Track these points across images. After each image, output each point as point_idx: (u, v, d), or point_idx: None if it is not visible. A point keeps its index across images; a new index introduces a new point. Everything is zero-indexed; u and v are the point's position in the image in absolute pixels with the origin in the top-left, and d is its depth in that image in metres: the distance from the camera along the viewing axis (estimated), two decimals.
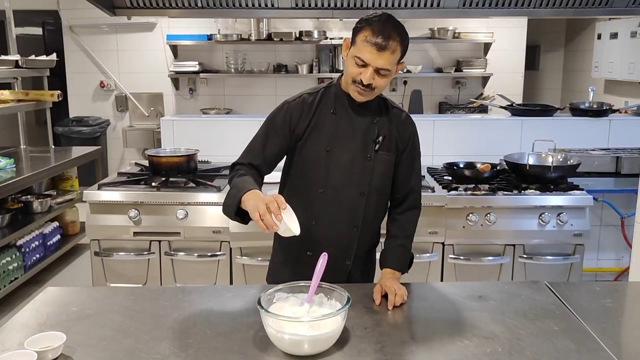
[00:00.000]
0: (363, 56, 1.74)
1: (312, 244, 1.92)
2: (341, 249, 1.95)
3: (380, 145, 1.90)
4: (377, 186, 1.93)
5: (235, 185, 1.77)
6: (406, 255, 1.98)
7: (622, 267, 3.73)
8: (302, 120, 1.88)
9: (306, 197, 1.91)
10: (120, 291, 1.87)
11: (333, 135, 1.88)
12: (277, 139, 1.90)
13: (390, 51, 1.73)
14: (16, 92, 4.77)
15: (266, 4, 3.14)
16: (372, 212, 1.96)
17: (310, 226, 1.90)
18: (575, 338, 1.54)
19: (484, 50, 6.52)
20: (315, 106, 1.89)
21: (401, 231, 2.00)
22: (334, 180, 1.89)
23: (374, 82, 1.77)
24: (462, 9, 3.18)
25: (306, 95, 1.92)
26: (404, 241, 1.99)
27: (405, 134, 1.95)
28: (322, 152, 1.88)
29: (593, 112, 3.88)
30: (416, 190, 2.02)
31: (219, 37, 6.21)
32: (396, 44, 1.74)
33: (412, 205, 2.02)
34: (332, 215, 1.91)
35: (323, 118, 1.89)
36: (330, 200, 1.90)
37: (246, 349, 1.47)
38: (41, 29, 7.28)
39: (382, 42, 1.72)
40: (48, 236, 4.46)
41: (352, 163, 1.89)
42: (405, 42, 1.78)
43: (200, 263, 3.01)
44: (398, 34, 1.75)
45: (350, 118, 1.89)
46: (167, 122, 3.75)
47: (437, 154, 3.64)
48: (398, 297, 1.74)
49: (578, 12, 3.23)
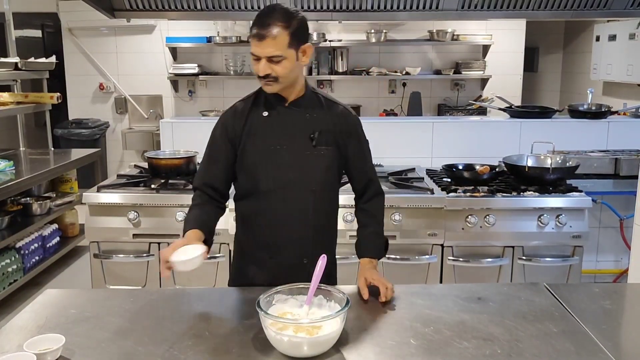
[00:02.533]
0: (253, 50, 1.80)
1: (267, 245, 1.94)
2: (296, 247, 1.95)
3: (317, 141, 1.91)
4: (322, 181, 1.94)
5: (185, 222, 1.89)
6: (380, 241, 2.01)
7: (621, 268, 3.73)
8: (236, 128, 1.91)
9: (254, 200, 1.93)
10: (119, 293, 1.87)
11: (268, 136, 1.90)
12: (220, 153, 1.94)
13: (271, 38, 1.75)
14: (15, 94, 4.77)
15: (265, 5, 3.15)
16: (323, 208, 1.97)
17: (264, 228, 1.93)
18: (575, 340, 1.54)
19: (482, 52, 6.53)
20: (247, 112, 1.93)
21: (371, 218, 2.03)
22: (278, 181, 1.90)
23: (273, 72, 1.79)
24: (460, 11, 3.19)
25: (238, 103, 1.97)
26: (376, 228, 2.02)
27: (345, 126, 1.95)
28: (262, 154, 1.90)
29: (592, 114, 3.88)
30: (374, 179, 2.05)
31: (218, 40, 6.21)
32: (278, 29, 1.75)
33: (375, 193, 2.05)
34: (283, 216, 1.92)
35: (256, 121, 1.91)
36: (279, 200, 1.91)
37: (245, 351, 1.47)
38: (40, 31, 7.28)
39: (261, 31, 1.76)
40: (47, 238, 4.46)
41: (293, 161, 1.90)
42: (290, 24, 1.77)
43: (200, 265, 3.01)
44: (277, 19, 1.76)
45: (283, 117, 1.91)
46: (167, 124, 3.75)
47: (436, 156, 3.64)
48: (389, 290, 1.78)
49: (576, 14, 3.24)
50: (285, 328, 1.45)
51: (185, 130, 3.75)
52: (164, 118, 5.35)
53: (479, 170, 3.23)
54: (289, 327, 1.45)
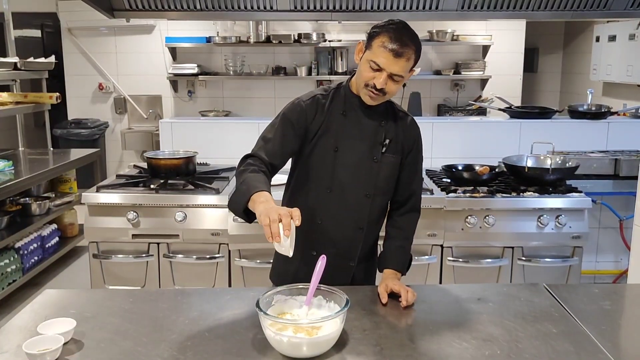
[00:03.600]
0: (379, 61, 1.76)
1: (317, 243, 1.93)
2: (345, 249, 1.96)
3: (387, 148, 1.93)
4: (382, 188, 1.96)
5: (245, 181, 1.71)
6: (405, 256, 2.00)
7: (620, 269, 3.73)
8: (316, 121, 1.89)
9: (312, 197, 1.93)
10: (118, 294, 1.87)
11: (341, 136, 1.90)
12: (294, 136, 1.88)
13: (406, 58, 1.76)
14: (15, 94, 4.76)
15: (265, 6, 3.15)
16: (376, 213, 1.98)
17: (316, 226, 1.92)
18: (574, 340, 1.54)
19: (482, 53, 6.53)
20: (327, 107, 1.91)
21: (401, 233, 2.02)
22: (340, 181, 1.90)
23: (387, 87, 1.80)
24: (460, 11, 3.19)
25: (319, 95, 1.93)
26: (403, 242, 2.01)
27: (410, 137, 1.98)
28: (330, 153, 1.90)
29: (591, 115, 3.88)
30: (417, 193, 2.05)
31: (217, 40, 6.21)
32: (411, 52, 1.77)
33: (412, 208, 2.04)
34: (337, 216, 1.93)
35: (333, 119, 1.91)
36: (336, 200, 1.91)
37: (245, 351, 1.47)
38: (40, 31, 7.28)
39: (399, 49, 1.74)
40: (46, 238, 4.46)
41: (359, 164, 1.91)
42: (419, 51, 1.82)
43: (199, 265, 3.01)
44: (414, 43, 1.78)
45: (359, 120, 1.91)
46: (166, 124, 3.75)
47: (435, 156, 3.64)
48: (410, 294, 1.76)
49: (576, 15, 3.23)
50: (284, 328, 1.44)
51: (184, 130, 3.75)
52: (164, 118, 5.35)
53: (479, 171, 3.23)
54: (288, 327, 1.45)
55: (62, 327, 1.50)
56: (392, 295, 1.80)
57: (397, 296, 1.78)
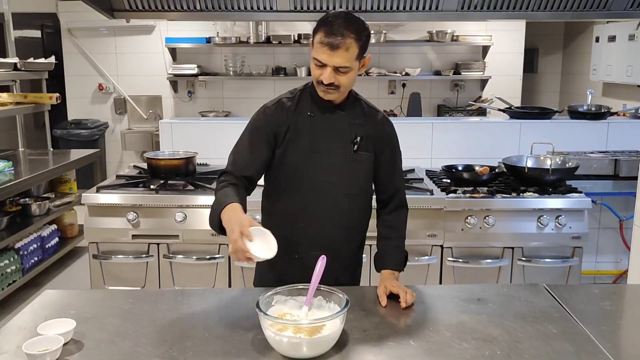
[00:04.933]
0: (319, 57, 1.76)
1: (299, 246, 1.92)
2: (329, 250, 1.91)
3: (359, 146, 1.91)
4: (360, 186, 1.95)
5: (217, 199, 1.76)
6: (401, 254, 2.00)
7: (620, 269, 3.73)
8: (282, 124, 1.88)
9: (291, 200, 1.92)
10: (118, 294, 1.87)
11: (312, 137, 1.88)
12: (263, 144, 1.89)
13: (344, 49, 1.73)
14: (15, 94, 4.76)
15: (265, 7, 3.15)
16: (357, 212, 1.97)
17: (297, 229, 1.91)
18: (574, 341, 1.54)
19: (482, 53, 6.53)
20: (293, 110, 1.90)
21: (394, 232, 2.02)
22: (317, 183, 1.89)
23: (337, 81, 1.78)
24: (460, 12, 3.19)
25: (284, 99, 1.93)
26: (398, 242, 2.01)
27: (382, 133, 1.96)
28: (303, 154, 1.88)
29: (591, 115, 3.89)
30: (401, 189, 2.04)
31: (217, 40, 6.21)
32: (351, 41, 1.74)
33: (399, 205, 2.04)
34: (317, 218, 1.91)
35: (301, 121, 1.89)
36: (315, 202, 1.90)
37: (245, 352, 1.47)
38: (40, 31, 7.28)
39: (334, 42, 1.73)
40: (46, 239, 4.46)
41: (333, 164, 1.89)
42: (362, 37, 1.77)
43: (199, 266, 3.01)
44: (351, 31, 1.74)
45: (327, 119, 1.90)
46: (166, 124, 3.75)
47: (435, 157, 3.64)
48: (409, 295, 1.76)
49: (576, 15, 3.24)
50: (284, 329, 1.44)
51: (184, 130, 3.75)
52: (164, 118, 5.34)
53: (479, 171, 3.23)
54: (288, 328, 1.45)
55: (61, 328, 1.50)
56: (391, 297, 1.79)
57: (397, 297, 1.78)
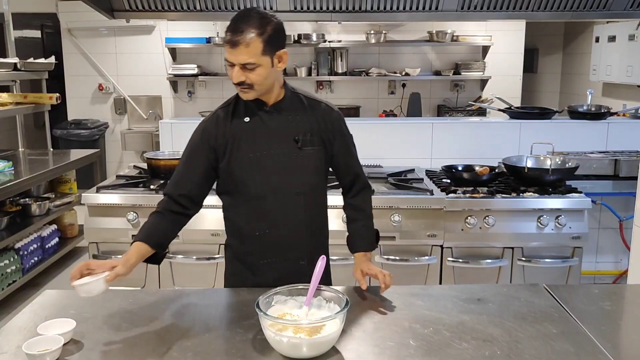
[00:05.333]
0: (227, 57, 1.77)
1: (263, 252, 1.92)
2: (293, 251, 1.93)
3: (302, 142, 1.88)
4: (312, 183, 1.92)
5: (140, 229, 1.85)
6: (370, 233, 2.00)
7: (620, 269, 3.73)
8: (220, 136, 1.87)
9: (247, 207, 1.90)
10: (118, 294, 1.87)
11: (253, 142, 1.86)
12: (200, 160, 1.88)
13: (244, 45, 1.71)
14: (15, 94, 4.76)
15: (265, 7, 3.15)
16: (314, 209, 1.95)
17: (258, 235, 1.90)
18: (574, 341, 1.54)
19: (482, 53, 6.54)
20: (229, 119, 1.89)
21: (359, 213, 2.02)
22: (267, 186, 1.87)
23: (248, 79, 1.76)
24: (460, 12, 3.19)
25: (220, 110, 1.92)
26: (365, 221, 2.01)
27: (328, 124, 1.93)
28: (248, 162, 1.86)
29: (591, 115, 3.89)
30: (360, 173, 2.03)
31: (217, 40, 6.21)
32: (251, 36, 1.71)
33: (362, 187, 2.03)
34: (274, 221, 1.90)
35: (238, 128, 1.87)
36: (269, 206, 1.88)
37: (245, 352, 1.47)
38: (40, 31, 7.29)
39: (233, 39, 1.71)
40: (46, 239, 4.46)
41: (279, 166, 1.87)
42: (264, 31, 1.73)
43: (199, 266, 3.01)
44: (251, 26, 1.71)
45: (264, 122, 1.88)
46: (166, 124, 3.75)
47: (435, 157, 3.64)
48: (387, 277, 1.79)
49: (576, 15, 3.24)
50: (284, 329, 1.44)
51: (184, 131, 3.71)
52: (163, 119, 5.35)
53: (479, 171, 3.23)
54: (288, 328, 1.45)
55: (61, 328, 1.50)
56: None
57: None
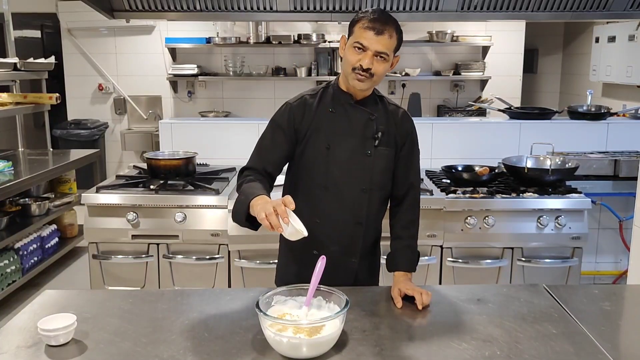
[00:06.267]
0: (362, 40, 1.80)
1: (317, 242, 1.93)
2: (346, 246, 1.96)
3: (379, 141, 1.93)
4: (378, 182, 1.96)
5: (243, 191, 1.79)
6: (414, 255, 2.00)
7: (620, 270, 3.73)
8: (305, 121, 1.91)
9: (309, 196, 1.93)
10: (118, 294, 1.87)
11: (332, 133, 1.91)
12: (285, 139, 1.92)
13: (388, 35, 1.80)
14: (14, 94, 4.76)
15: (265, 7, 3.15)
16: (374, 208, 1.98)
17: (315, 225, 1.91)
18: (574, 341, 1.54)
19: (482, 54, 6.54)
20: (315, 107, 1.92)
21: (405, 232, 2.02)
22: (335, 178, 1.91)
23: (373, 68, 1.81)
24: (460, 12, 3.19)
25: (307, 96, 1.96)
26: (410, 241, 2.01)
27: (403, 130, 1.98)
28: (322, 151, 1.90)
29: (591, 115, 3.89)
30: (415, 185, 2.04)
31: (217, 40, 6.21)
32: (392, 30, 1.82)
33: (413, 203, 2.04)
34: (335, 213, 1.93)
35: (322, 117, 1.92)
36: (333, 198, 1.92)
37: (244, 352, 1.47)
38: (40, 31, 7.28)
39: (380, 27, 1.80)
40: (46, 239, 4.45)
41: (352, 160, 1.91)
42: (400, 32, 1.86)
43: (199, 266, 3.01)
44: (394, 23, 1.84)
45: (348, 115, 1.92)
46: (166, 125, 3.75)
47: (435, 157, 3.64)
48: (425, 295, 1.76)
49: (576, 16, 3.24)
50: (284, 329, 1.44)
51: (184, 131, 3.75)
52: (163, 119, 5.35)
53: (479, 172, 3.23)
54: (288, 328, 1.45)
55: (62, 323, 1.50)
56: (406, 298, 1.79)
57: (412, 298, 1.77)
